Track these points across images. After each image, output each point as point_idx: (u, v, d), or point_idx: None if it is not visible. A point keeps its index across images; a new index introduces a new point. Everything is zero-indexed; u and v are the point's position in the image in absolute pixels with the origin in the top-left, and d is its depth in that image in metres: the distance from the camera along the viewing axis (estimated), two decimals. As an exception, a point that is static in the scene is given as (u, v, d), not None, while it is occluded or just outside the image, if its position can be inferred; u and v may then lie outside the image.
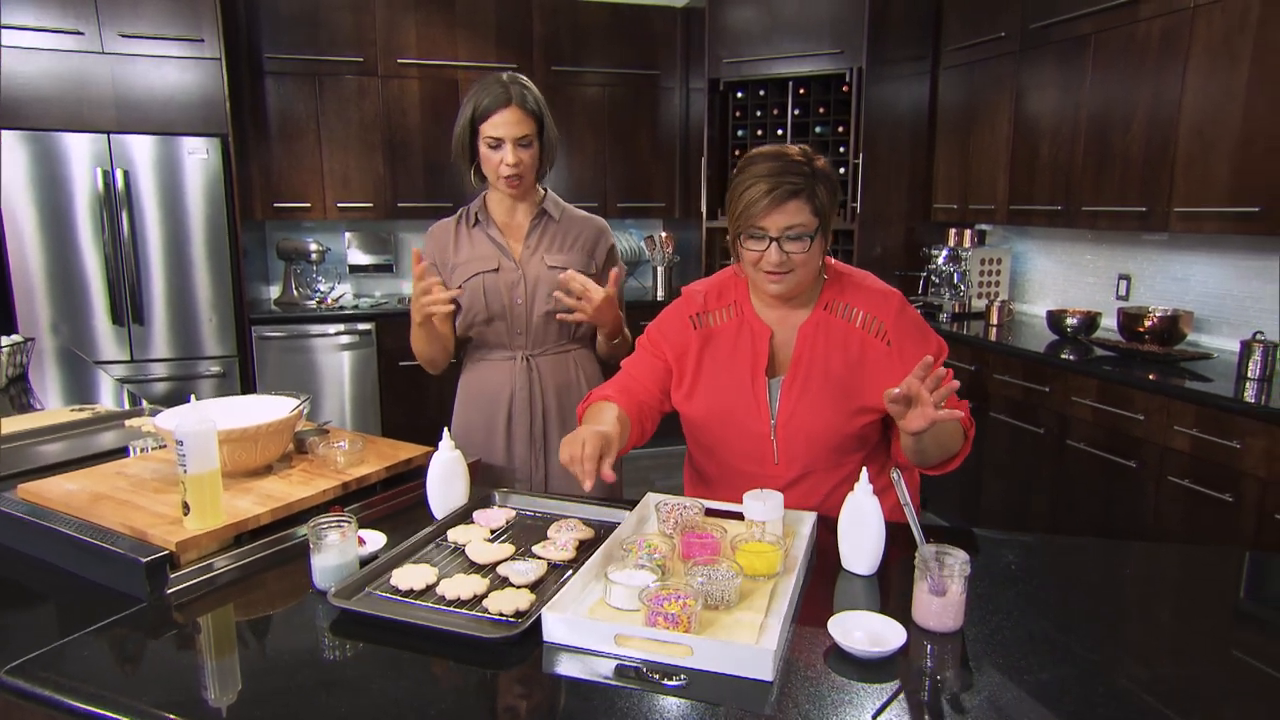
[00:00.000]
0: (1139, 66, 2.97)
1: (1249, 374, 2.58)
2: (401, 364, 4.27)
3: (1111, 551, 1.50)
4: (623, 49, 4.69)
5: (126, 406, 2.48)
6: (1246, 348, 2.61)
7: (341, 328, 4.20)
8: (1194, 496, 2.49)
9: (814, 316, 1.50)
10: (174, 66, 3.76)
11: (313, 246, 4.33)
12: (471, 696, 0.98)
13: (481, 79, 1.82)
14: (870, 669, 1.00)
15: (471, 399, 1.98)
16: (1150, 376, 2.69)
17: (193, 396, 1.39)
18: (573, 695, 0.96)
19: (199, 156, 3.78)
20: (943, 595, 1.07)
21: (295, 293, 4.39)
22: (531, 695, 0.97)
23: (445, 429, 1.45)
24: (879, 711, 0.92)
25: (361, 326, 4.23)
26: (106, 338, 3.81)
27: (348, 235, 4.61)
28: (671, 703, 0.94)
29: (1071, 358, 3.03)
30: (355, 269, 4.66)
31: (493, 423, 1.94)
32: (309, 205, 4.33)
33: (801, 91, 4.37)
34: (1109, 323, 3.37)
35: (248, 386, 4.08)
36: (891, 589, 1.22)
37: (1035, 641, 1.09)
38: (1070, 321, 3.28)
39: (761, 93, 4.49)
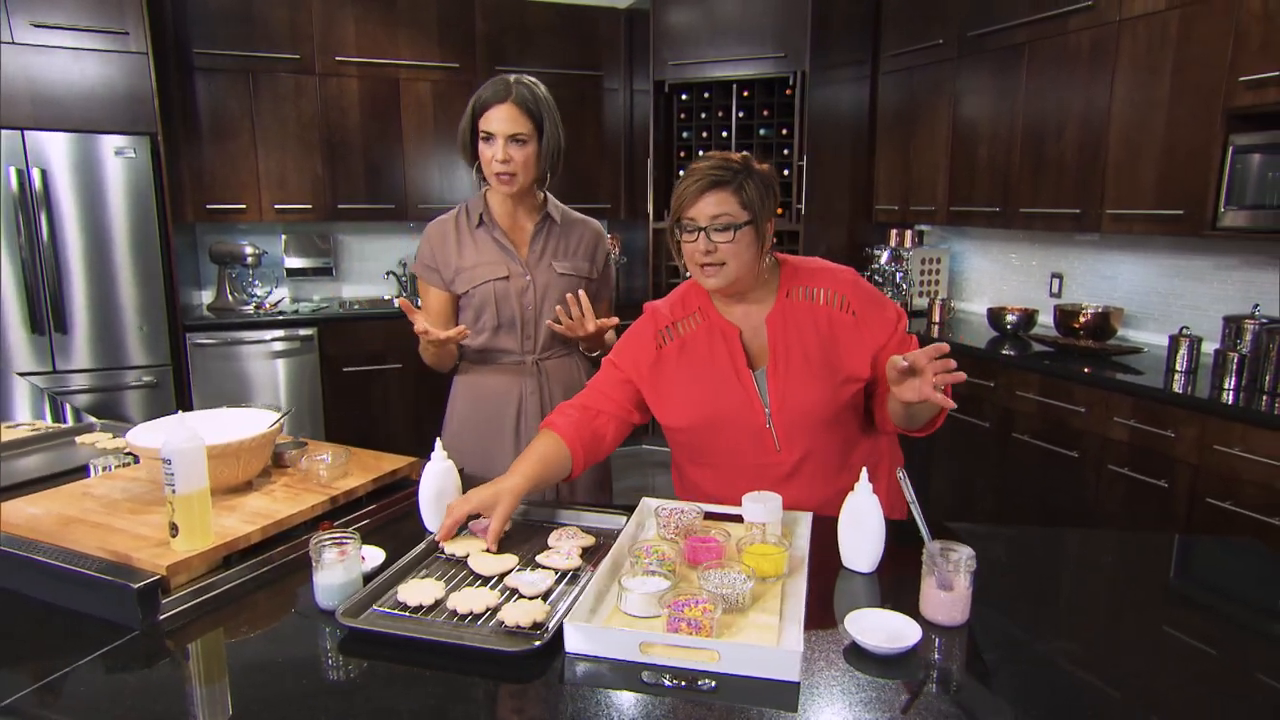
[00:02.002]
0: (1071, 75, 3.13)
1: (1177, 367, 2.75)
2: (345, 369, 4.15)
3: (1090, 541, 1.58)
4: (566, 49, 4.67)
5: (49, 419, 2.34)
6: (1174, 342, 2.77)
7: (281, 333, 4.05)
8: (1132, 483, 2.63)
9: (778, 306, 1.54)
10: (95, 60, 3.57)
11: (248, 250, 4.17)
12: (498, 711, 0.96)
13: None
14: (888, 665, 1.03)
15: (473, 403, 1.94)
16: (1085, 370, 2.83)
17: (179, 412, 1.33)
18: (604, 705, 0.95)
19: (126, 156, 3.60)
20: (950, 590, 1.11)
21: (230, 298, 4.22)
22: (561, 707, 0.96)
23: (438, 439, 1.43)
24: (907, 706, 0.94)
25: (303, 331, 4.08)
26: (24, 348, 3.58)
27: (284, 238, 4.46)
28: (704, 708, 0.95)
29: (1013, 353, 3.16)
30: (292, 273, 4.51)
31: (499, 427, 1.91)
32: (244, 207, 4.16)
33: (745, 94, 4.44)
34: (1045, 319, 3.53)
35: (182, 396, 3.90)
36: (892, 585, 1.26)
37: (1038, 630, 1.14)
38: (1010, 318, 3.42)
39: (706, 95, 4.54)
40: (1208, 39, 2.64)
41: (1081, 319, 3.17)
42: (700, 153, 4.60)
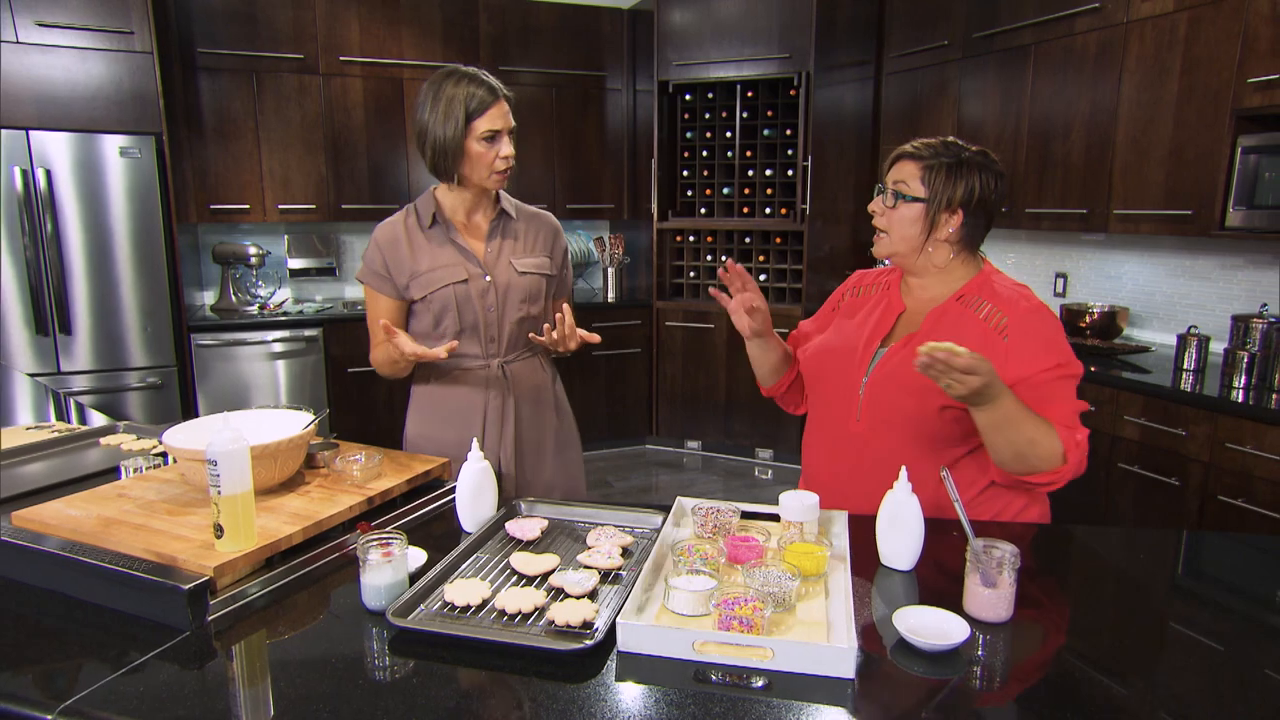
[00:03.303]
0: (1078, 76, 3.15)
1: (1186, 365, 2.78)
2: (350, 370, 4.14)
3: (1110, 539, 1.60)
4: (569, 49, 4.68)
5: (53, 418, 2.33)
6: (1183, 341, 2.80)
7: (286, 334, 4.04)
8: (1142, 481, 2.66)
9: (946, 304, 1.54)
10: (100, 60, 3.55)
11: (252, 250, 4.16)
12: (556, 709, 0.96)
13: (443, 78, 1.72)
14: (937, 661, 1.04)
15: (436, 408, 1.86)
16: (1092, 369, 2.86)
17: (225, 413, 1.33)
18: (660, 703, 0.96)
19: (131, 156, 3.58)
20: (994, 587, 1.12)
21: (234, 298, 4.20)
22: (618, 704, 0.96)
23: (474, 439, 1.43)
24: (961, 702, 0.95)
25: (308, 332, 4.08)
26: (28, 349, 3.56)
27: (286, 238, 4.44)
28: (762, 705, 0.95)
29: (1021, 353, 3.18)
30: (295, 273, 4.50)
31: (462, 439, 1.80)
32: (247, 207, 4.15)
33: (749, 94, 4.45)
34: (1050, 319, 3.56)
35: (186, 397, 3.88)
36: (931, 582, 1.27)
37: (1080, 625, 1.15)
38: (1016, 318, 3.44)
39: (710, 95, 4.55)
40: (1216, 41, 2.67)
41: (1088, 318, 3.19)
42: (704, 153, 4.64)
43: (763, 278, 4.59)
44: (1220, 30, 2.66)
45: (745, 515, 1.40)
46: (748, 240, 4.61)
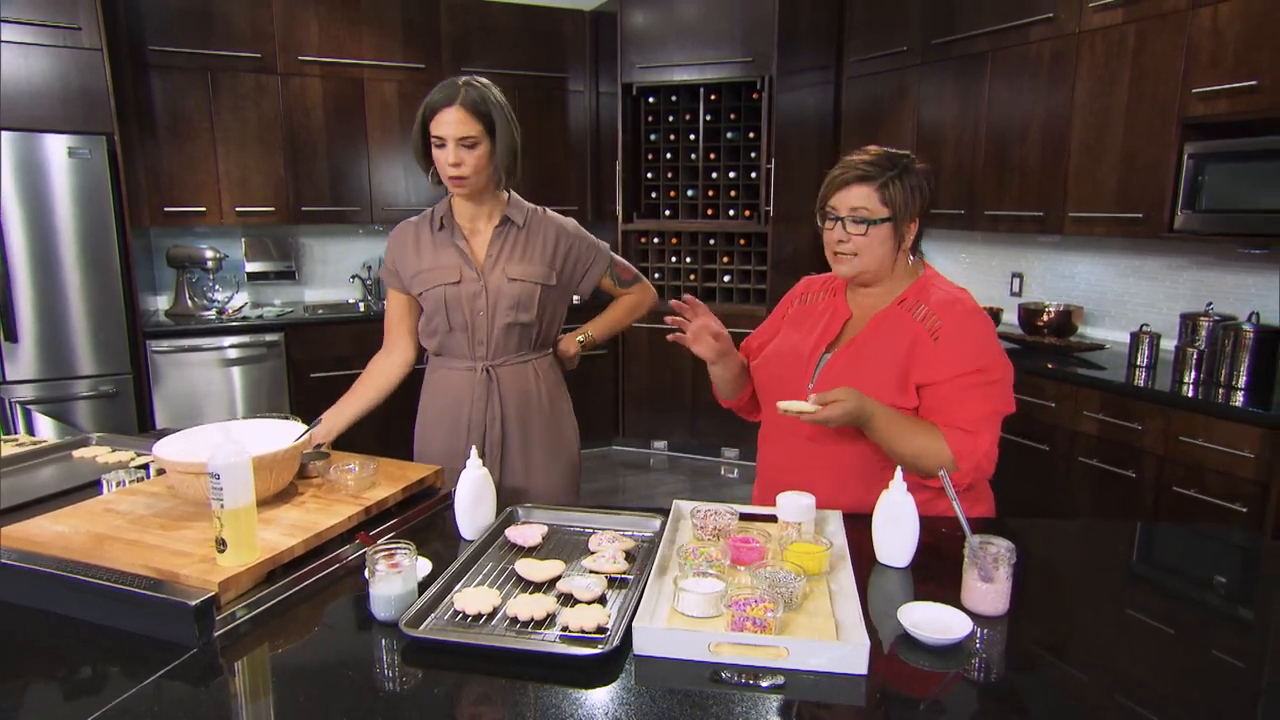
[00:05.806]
0: (1033, 83, 3.26)
1: (1138, 362, 2.90)
2: (314, 375, 4.06)
3: (1104, 534, 1.66)
4: (532, 51, 4.66)
5: (3, 432, 2.25)
6: (1135, 339, 2.92)
7: (247, 339, 3.95)
8: (1101, 474, 2.76)
9: (889, 308, 1.57)
10: (44, 56, 3.41)
11: (209, 253, 4.05)
12: (578, 715, 0.97)
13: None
14: (942, 655, 1.07)
15: (435, 401, 1.95)
16: (1049, 365, 2.96)
17: (223, 424, 1.30)
18: (685, 704, 0.97)
19: (80, 156, 3.45)
20: (991, 581, 1.16)
21: (190, 303, 4.09)
22: (639, 708, 0.98)
23: (473, 448, 1.43)
24: (968, 692, 0.99)
25: (269, 337, 3.98)
26: (-29, 358, 3.42)
27: (244, 241, 4.34)
28: (779, 703, 0.98)
29: (982, 351, 3.28)
30: (252, 276, 4.39)
31: (455, 430, 1.90)
32: (204, 210, 4.03)
33: (713, 97, 4.50)
34: (1008, 318, 3.67)
35: (143, 405, 3.76)
36: (926, 579, 1.31)
37: (1075, 618, 1.20)
38: (976, 317, 3.54)
39: (673, 98, 4.58)
40: (1162, 52, 2.79)
41: (1045, 317, 3.30)
42: (668, 155, 4.67)
43: (726, 279, 4.64)
44: (1166, 43, 2.78)
45: (743, 517, 1.43)
46: (712, 242, 4.66)
